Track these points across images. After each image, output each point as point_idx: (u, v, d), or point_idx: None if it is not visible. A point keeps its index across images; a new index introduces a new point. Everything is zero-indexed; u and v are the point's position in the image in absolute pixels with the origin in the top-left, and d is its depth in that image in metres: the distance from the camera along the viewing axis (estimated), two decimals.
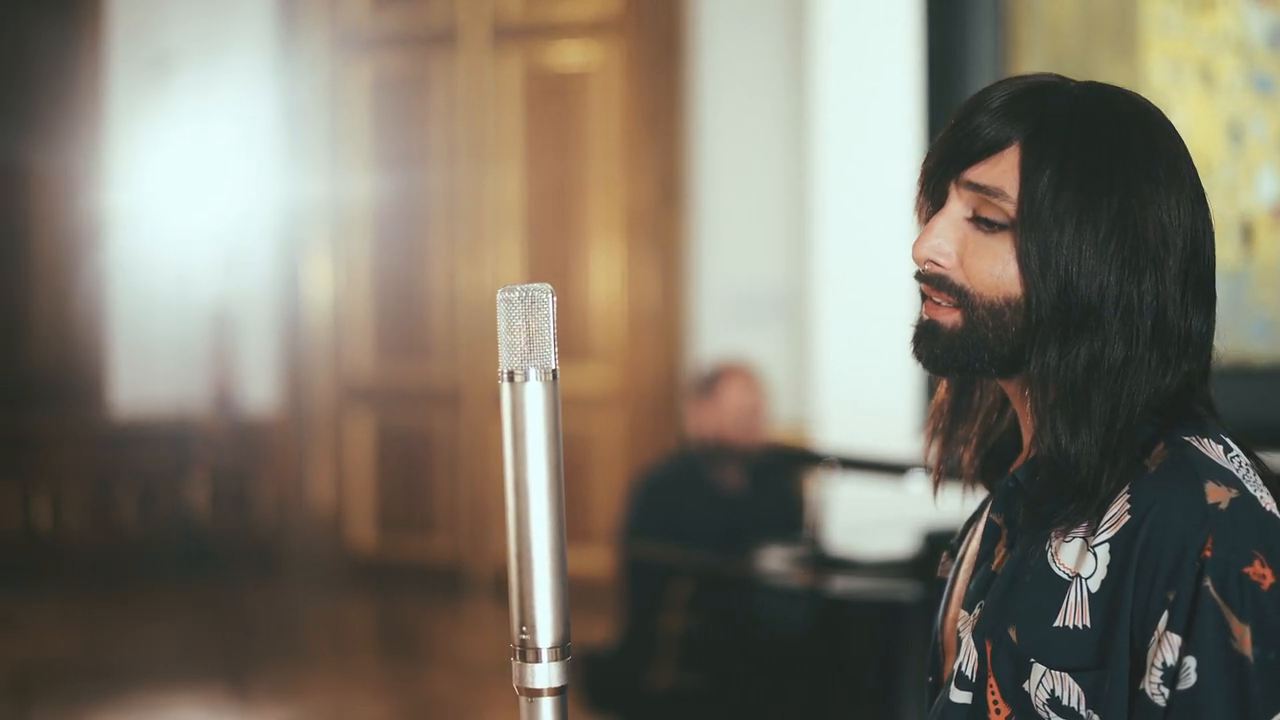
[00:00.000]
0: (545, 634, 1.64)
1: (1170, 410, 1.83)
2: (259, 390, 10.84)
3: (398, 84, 10.49)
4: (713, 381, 6.43)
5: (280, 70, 10.67)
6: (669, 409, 9.38)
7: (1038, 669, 1.78)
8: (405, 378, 10.46)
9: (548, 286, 1.66)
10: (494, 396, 9.77)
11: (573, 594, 1.67)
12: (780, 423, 8.20)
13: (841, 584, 4.98)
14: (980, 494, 2.05)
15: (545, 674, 1.64)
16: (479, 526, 10.09)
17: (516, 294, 1.65)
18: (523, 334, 1.64)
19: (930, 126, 6.39)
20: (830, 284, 6.63)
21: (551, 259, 9.93)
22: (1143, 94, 1.92)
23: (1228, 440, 1.84)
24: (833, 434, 6.64)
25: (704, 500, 6.25)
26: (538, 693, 1.64)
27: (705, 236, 9.49)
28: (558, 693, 1.65)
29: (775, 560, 5.39)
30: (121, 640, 9.18)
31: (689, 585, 5.59)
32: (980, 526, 1.99)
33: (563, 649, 1.65)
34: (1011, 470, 1.93)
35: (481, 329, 10.03)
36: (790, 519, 6.17)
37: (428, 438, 10.31)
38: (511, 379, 1.65)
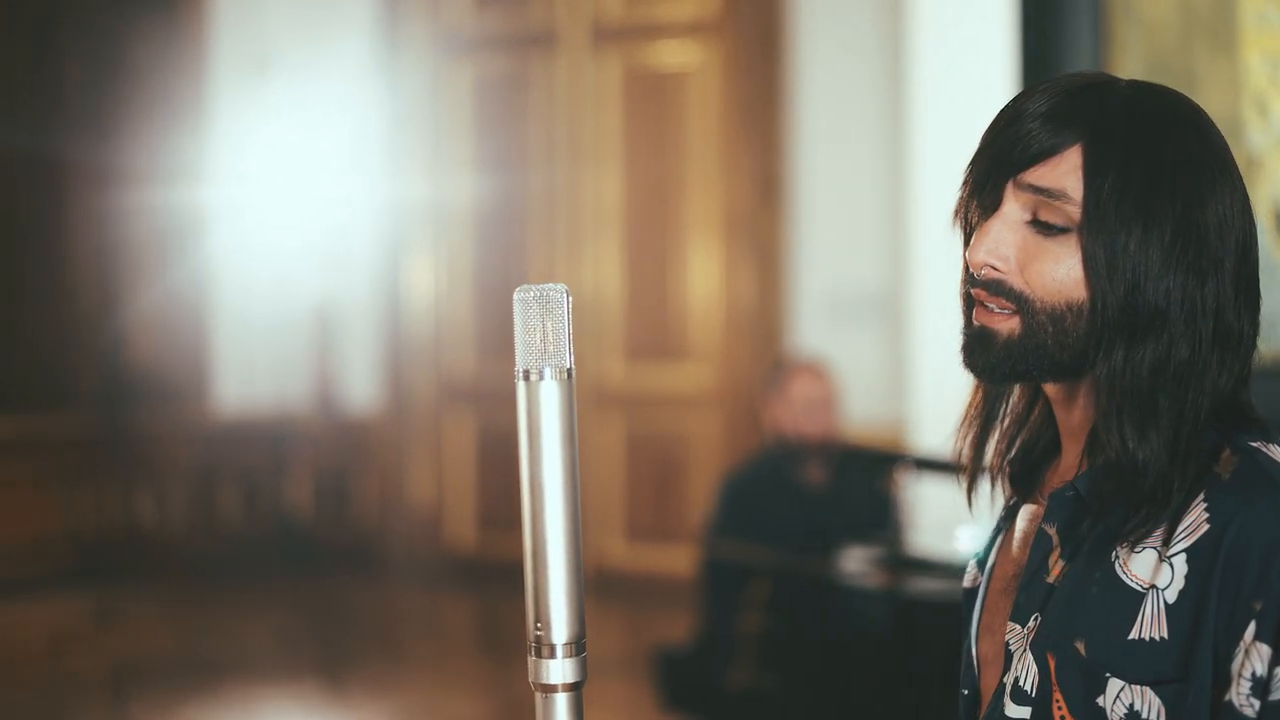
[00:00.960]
0: (560, 630, 1.66)
1: (1227, 414, 1.81)
2: (360, 389, 10.91)
3: (499, 84, 10.53)
4: (781, 377, 6.44)
5: (382, 70, 10.74)
6: None
7: (1114, 683, 1.75)
8: (505, 377, 10.45)
9: (563, 286, 1.67)
10: (593, 395, 9.79)
11: (669, 593, 1.67)
12: (875, 424, 8.17)
13: (919, 585, 4.96)
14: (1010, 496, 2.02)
15: (560, 670, 1.66)
16: None
17: (532, 294, 1.66)
18: (538, 333, 1.65)
19: None
20: (927, 284, 6.58)
21: (649, 259, 9.94)
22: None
23: None
24: (928, 435, 6.60)
25: (788, 498, 6.24)
26: (552, 688, 1.66)
27: (803, 237, 9.48)
28: (572, 688, 1.66)
29: (855, 560, 5.37)
30: (220, 636, 9.27)
31: (768, 585, 5.58)
32: (1013, 535, 1.97)
33: (577, 645, 1.66)
34: (1061, 480, 1.89)
35: (581, 328, 10.03)
36: (877, 518, 6.14)
37: None
38: (527, 378, 1.66)
